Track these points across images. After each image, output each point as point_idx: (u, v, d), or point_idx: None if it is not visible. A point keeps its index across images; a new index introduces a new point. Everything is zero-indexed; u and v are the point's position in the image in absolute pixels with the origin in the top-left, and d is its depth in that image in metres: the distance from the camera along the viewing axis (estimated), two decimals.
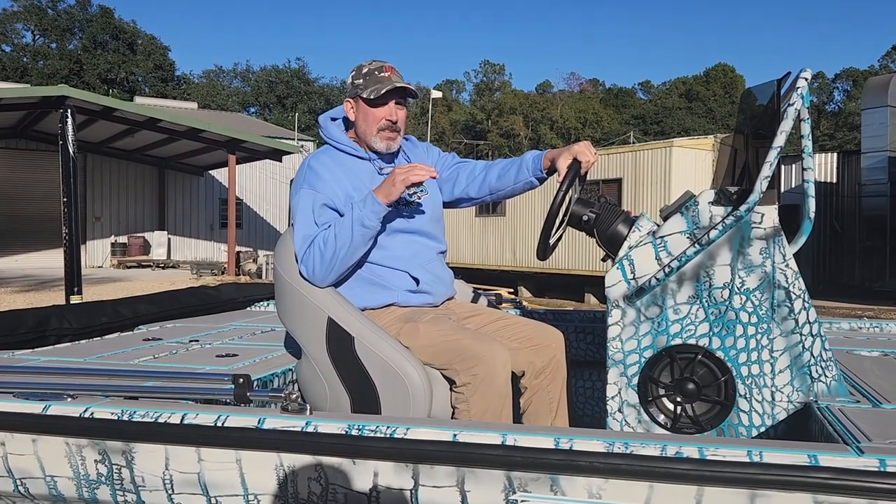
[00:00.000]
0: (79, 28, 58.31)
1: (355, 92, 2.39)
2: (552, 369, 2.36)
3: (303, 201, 2.33)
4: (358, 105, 2.41)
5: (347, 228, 2.24)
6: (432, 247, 2.49)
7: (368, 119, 2.39)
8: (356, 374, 2.22)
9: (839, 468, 1.40)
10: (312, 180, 2.35)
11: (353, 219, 2.24)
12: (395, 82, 2.35)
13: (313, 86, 66.06)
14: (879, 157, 17.85)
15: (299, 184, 2.38)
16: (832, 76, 64.52)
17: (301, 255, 2.29)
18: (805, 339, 1.94)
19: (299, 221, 2.32)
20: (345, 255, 2.25)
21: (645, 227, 2.16)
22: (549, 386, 2.36)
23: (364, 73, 2.38)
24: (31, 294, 14.79)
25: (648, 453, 1.49)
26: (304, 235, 2.29)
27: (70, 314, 3.28)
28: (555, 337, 2.39)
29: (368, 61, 2.42)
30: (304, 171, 2.40)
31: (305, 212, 2.32)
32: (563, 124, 60.77)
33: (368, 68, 2.39)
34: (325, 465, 1.70)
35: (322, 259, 2.25)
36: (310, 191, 2.33)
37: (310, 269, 2.27)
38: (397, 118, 2.40)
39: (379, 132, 2.40)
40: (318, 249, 2.25)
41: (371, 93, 2.34)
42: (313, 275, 2.27)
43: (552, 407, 2.37)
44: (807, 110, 1.98)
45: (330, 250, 2.24)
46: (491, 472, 1.59)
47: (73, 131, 9.85)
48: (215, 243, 26.91)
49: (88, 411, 1.85)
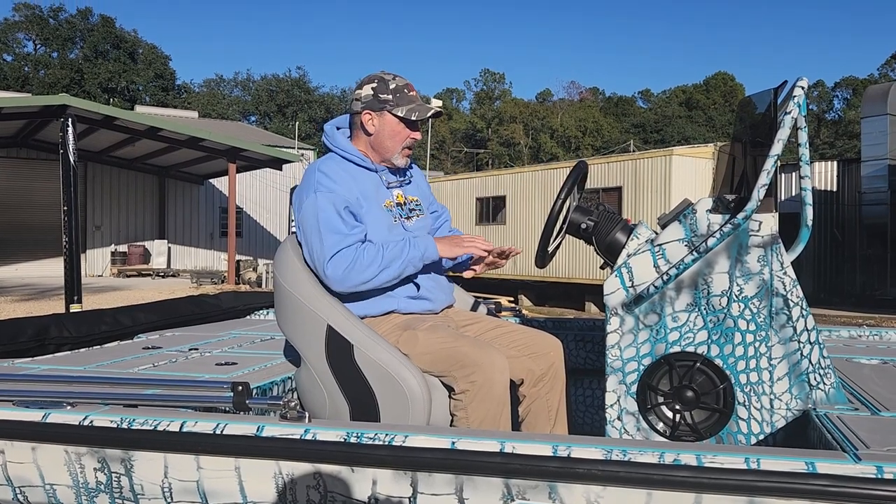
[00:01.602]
0: (80, 37, 58.54)
1: (381, 106, 2.36)
2: (551, 377, 2.36)
3: (322, 204, 2.28)
4: (383, 119, 2.38)
5: (399, 261, 2.27)
6: None
7: (396, 136, 2.38)
8: (355, 382, 2.22)
9: (836, 475, 1.40)
10: (327, 183, 2.31)
11: (411, 255, 2.28)
12: (433, 108, 2.39)
13: (314, 94, 66.25)
14: (879, 166, 17.88)
15: (310, 188, 2.32)
16: (832, 84, 64.71)
17: (330, 256, 2.24)
18: (803, 346, 1.95)
19: (324, 222, 2.26)
20: (384, 279, 2.27)
21: (643, 235, 2.16)
22: (548, 394, 2.36)
23: (392, 90, 2.36)
24: (31, 303, 14.79)
25: (646, 460, 1.50)
26: (336, 238, 2.25)
27: (70, 323, 3.28)
28: (553, 345, 2.39)
29: (388, 74, 2.40)
30: (313, 176, 2.35)
31: (329, 213, 2.27)
32: (564, 133, 60.89)
33: (395, 84, 2.37)
34: (324, 472, 1.71)
35: (360, 271, 2.24)
36: (328, 193, 2.29)
37: (338, 273, 2.24)
38: (419, 139, 2.44)
39: (403, 150, 2.42)
40: (360, 262, 2.24)
41: (410, 113, 2.35)
42: (342, 280, 2.24)
43: (551, 415, 2.36)
44: (803, 119, 1.99)
45: (374, 269, 2.24)
46: (489, 480, 1.59)
47: (73, 140, 9.85)
48: (215, 252, 26.93)
49: (88, 419, 1.85)
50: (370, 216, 2.35)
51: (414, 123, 2.39)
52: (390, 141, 2.40)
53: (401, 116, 2.36)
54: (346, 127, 2.50)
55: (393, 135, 2.39)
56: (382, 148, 2.41)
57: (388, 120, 2.38)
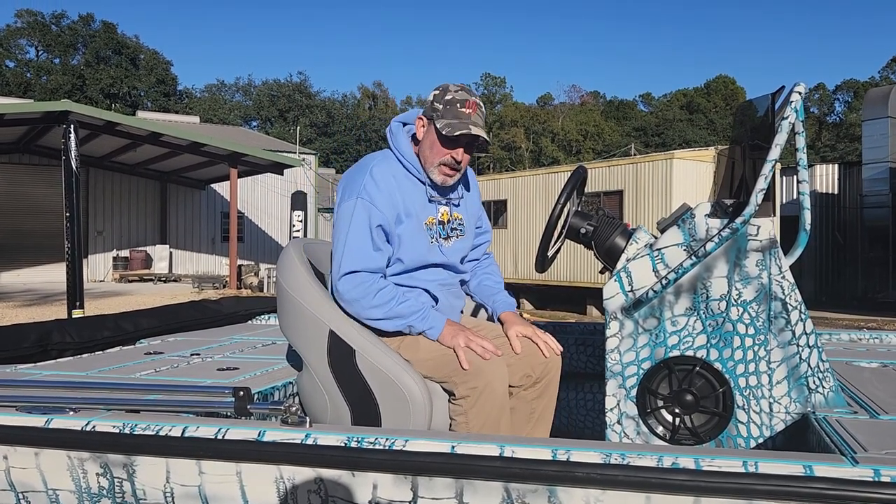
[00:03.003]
0: (82, 43, 58.73)
1: (431, 115, 2.31)
2: (543, 385, 2.37)
3: (359, 213, 2.25)
4: (429, 129, 2.32)
5: (402, 321, 2.25)
6: (454, 277, 2.51)
7: (434, 149, 2.31)
8: (357, 387, 2.23)
9: (834, 478, 1.41)
10: (372, 192, 2.26)
11: (414, 323, 2.25)
12: (471, 127, 2.26)
13: (315, 99, 66.40)
14: (881, 168, 17.89)
15: (357, 189, 2.27)
16: (833, 87, 64.78)
17: (346, 272, 2.24)
18: (802, 350, 1.95)
19: (353, 234, 2.24)
20: (381, 325, 2.26)
21: (642, 240, 2.17)
22: (535, 399, 2.36)
23: (446, 100, 2.29)
24: (34, 308, 14.81)
25: (645, 464, 1.50)
26: (358, 256, 2.24)
27: (72, 328, 3.28)
28: (552, 357, 2.40)
29: (456, 86, 2.33)
30: (365, 177, 2.28)
31: (361, 227, 2.24)
32: (565, 136, 60.93)
33: (453, 96, 2.29)
34: (325, 477, 1.71)
35: (367, 308, 2.23)
36: (369, 204, 2.25)
37: (349, 294, 2.23)
38: (462, 160, 2.33)
39: (440, 165, 2.32)
40: (371, 299, 2.23)
41: (445, 128, 2.26)
42: (349, 301, 2.25)
43: (532, 417, 2.36)
44: (801, 124, 2.00)
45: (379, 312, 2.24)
46: (489, 484, 1.60)
47: (75, 146, 9.90)
48: (217, 257, 26.96)
49: (90, 425, 1.86)
50: (408, 232, 2.31)
51: (450, 140, 2.28)
52: (429, 152, 2.32)
53: (438, 128, 2.28)
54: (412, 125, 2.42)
55: (431, 145, 2.32)
56: (424, 158, 2.34)
57: (431, 130, 2.32)
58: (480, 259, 2.69)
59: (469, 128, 2.26)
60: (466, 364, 2.17)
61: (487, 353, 2.19)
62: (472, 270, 2.65)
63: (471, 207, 2.56)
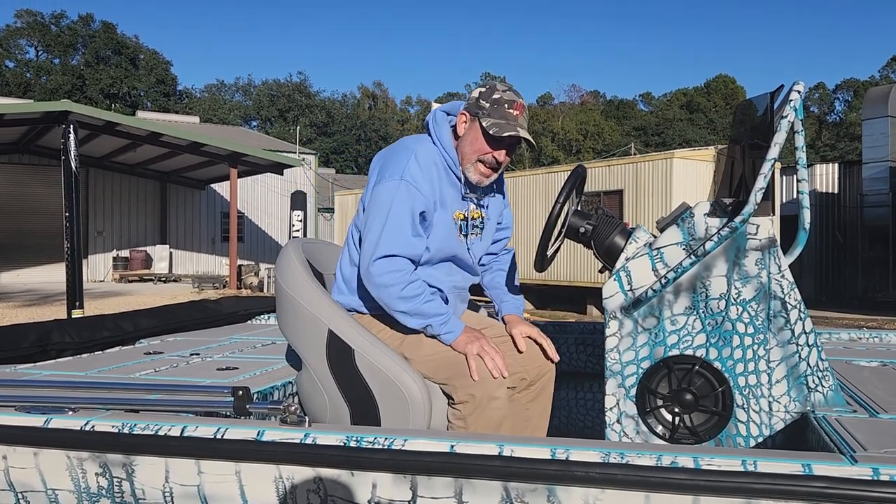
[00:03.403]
0: (81, 44, 58.72)
1: (476, 111, 2.28)
2: (537, 390, 2.37)
3: (402, 196, 2.19)
4: (472, 126, 2.30)
5: (423, 319, 2.22)
6: (468, 278, 2.50)
7: (476, 146, 2.29)
8: (356, 387, 2.22)
9: (833, 477, 1.41)
10: (416, 175, 2.21)
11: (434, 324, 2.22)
12: (519, 129, 2.25)
13: (315, 99, 66.39)
14: (880, 168, 17.89)
15: (399, 170, 2.22)
16: (833, 87, 64.76)
17: (382, 255, 2.18)
18: (801, 349, 1.95)
19: (394, 216, 2.19)
20: (401, 318, 2.24)
21: (642, 239, 2.17)
22: (530, 403, 2.37)
23: (494, 99, 2.27)
24: (33, 308, 14.81)
25: (644, 463, 1.50)
26: (396, 240, 2.19)
27: (72, 328, 3.28)
28: (548, 362, 2.41)
29: (504, 86, 2.32)
30: (409, 157, 2.24)
31: (402, 210, 2.19)
32: (565, 136, 60.91)
33: (501, 95, 2.28)
34: (324, 476, 1.71)
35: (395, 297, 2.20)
36: (413, 188, 2.20)
37: (381, 278, 2.19)
38: (503, 161, 2.33)
39: (478, 163, 2.30)
40: (401, 289, 2.19)
41: (492, 127, 2.24)
42: (378, 286, 2.20)
43: (528, 424, 2.37)
44: (800, 123, 2.00)
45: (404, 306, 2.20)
46: (488, 483, 1.60)
47: (75, 146, 9.90)
48: (217, 257, 26.97)
49: (89, 424, 1.86)
50: (440, 222, 2.30)
51: (495, 140, 2.26)
52: (469, 148, 2.30)
53: (483, 127, 2.26)
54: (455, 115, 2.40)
55: (472, 143, 2.29)
56: (462, 154, 2.32)
57: (475, 127, 2.29)
58: (499, 253, 2.68)
59: (517, 129, 2.25)
60: (476, 375, 2.15)
61: (496, 371, 2.17)
62: (489, 264, 2.64)
63: (495, 208, 2.54)
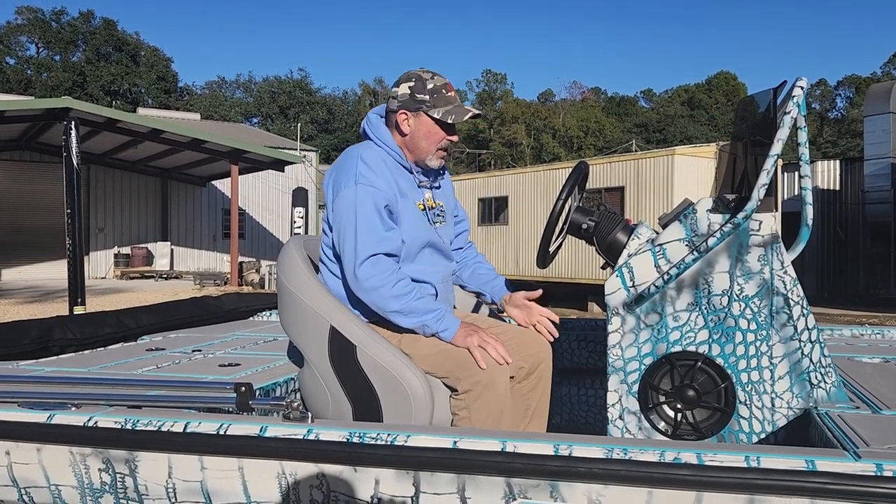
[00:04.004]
0: (82, 40, 58.68)
1: (418, 106, 2.31)
2: (536, 377, 2.37)
3: (362, 198, 2.21)
4: (419, 120, 2.33)
5: (417, 318, 2.22)
6: (449, 265, 2.51)
7: (432, 138, 2.34)
8: (358, 383, 2.23)
9: (836, 473, 1.41)
10: (369, 176, 2.24)
11: (429, 323, 2.22)
12: (471, 110, 2.32)
13: (315, 96, 66.35)
14: (882, 164, 17.86)
15: (350, 178, 2.24)
16: (835, 83, 64.69)
17: (365, 258, 2.19)
18: (804, 345, 1.95)
19: (363, 220, 2.20)
20: (394, 319, 2.23)
21: (644, 235, 2.17)
22: (530, 392, 2.37)
23: (430, 90, 2.31)
24: (35, 305, 14.82)
25: (647, 459, 1.50)
26: (372, 239, 2.20)
27: (74, 325, 3.29)
28: (543, 346, 2.41)
29: (427, 73, 2.35)
30: (355, 164, 2.26)
31: (368, 210, 2.21)
32: (566, 133, 60.85)
33: (434, 84, 2.32)
34: (327, 472, 1.71)
35: (386, 298, 2.20)
36: (369, 188, 2.22)
37: (370, 281, 2.19)
38: (455, 141, 2.41)
39: (437, 151, 2.37)
40: (391, 289, 2.19)
41: (448, 116, 2.30)
42: (369, 290, 2.20)
43: (528, 413, 2.37)
44: (803, 118, 2.00)
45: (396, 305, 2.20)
46: (491, 479, 1.60)
47: (76, 143, 9.91)
48: (218, 254, 26.96)
49: (92, 420, 1.86)
50: (406, 213, 2.31)
51: (450, 126, 2.34)
52: (425, 142, 2.34)
53: (437, 118, 2.31)
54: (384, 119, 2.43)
55: (428, 136, 2.34)
56: (417, 149, 2.36)
57: (423, 121, 2.32)
58: (465, 248, 2.70)
59: (468, 111, 2.33)
60: (483, 364, 2.15)
61: (501, 359, 2.18)
62: (461, 261, 2.66)
63: (448, 194, 2.59)
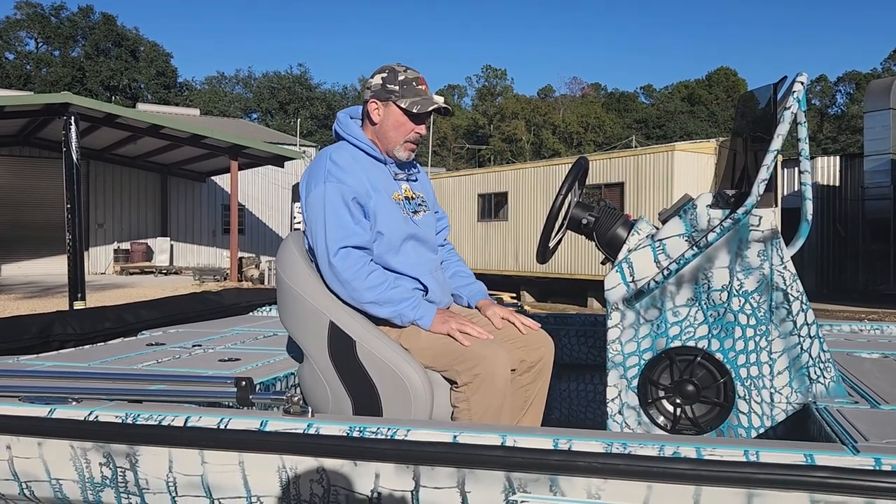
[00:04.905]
0: (81, 35, 58.59)
1: (387, 96, 2.38)
2: (536, 371, 2.38)
3: (331, 194, 2.27)
4: (388, 110, 2.40)
5: (392, 307, 2.25)
6: (435, 257, 2.53)
7: (399, 128, 2.40)
8: (358, 377, 2.23)
9: (835, 467, 1.41)
10: (337, 173, 2.29)
11: (404, 311, 2.25)
12: (437, 102, 2.39)
13: (315, 92, 66.26)
14: (882, 160, 17.86)
15: (320, 176, 2.31)
16: (835, 79, 64.66)
17: (336, 251, 2.23)
18: (803, 340, 1.96)
19: (331, 214, 2.26)
20: (371, 310, 2.26)
21: (644, 231, 2.17)
22: (529, 385, 2.38)
23: (401, 81, 2.38)
24: (35, 301, 14.82)
25: (646, 453, 1.51)
26: (341, 233, 2.25)
27: (74, 320, 3.29)
28: (545, 341, 2.42)
29: (401, 66, 2.42)
30: (324, 163, 2.33)
31: (336, 205, 2.26)
32: (566, 129, 60.82)
33: (405, 76, 2.39)
34: (327, 466, 1.72)
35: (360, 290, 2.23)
36: (337, 184, 2.28)
37: (343, 273, 2.23)
38: (423, 134, 2.45)
39: (405, 143, 2.42)
40: (364, 280, 2.23)
41: (413, 106, 2.36)
42: (343, 282, 2.24)
43: (524, 405, 2.39)
44: (803, 114, 2.00)
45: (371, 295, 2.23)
46: (491, 473, 1.60)
47: (76, 138, 9.91)
48: (218, 249, 26.97)
49: (93, 415, 1.86)
50: (381, 206, 2.34)
51: (417, 116, 2.39)
52: (393, 132, 2.40)
53: (404, 108, 2.37)
54: (360, 117, 2.49)
55: (396, 126, 2.39)
56: (386, 139, 2.41)
57: (392, 111, 2.39)
58: (445, 245, 2.73)
59: (433, 103, 2.38)
60: (467, 342, 2.20)
61: (482, 337, 2.23)
62: (445, 261, 2.67)
63: (426, 187, 2.63)
